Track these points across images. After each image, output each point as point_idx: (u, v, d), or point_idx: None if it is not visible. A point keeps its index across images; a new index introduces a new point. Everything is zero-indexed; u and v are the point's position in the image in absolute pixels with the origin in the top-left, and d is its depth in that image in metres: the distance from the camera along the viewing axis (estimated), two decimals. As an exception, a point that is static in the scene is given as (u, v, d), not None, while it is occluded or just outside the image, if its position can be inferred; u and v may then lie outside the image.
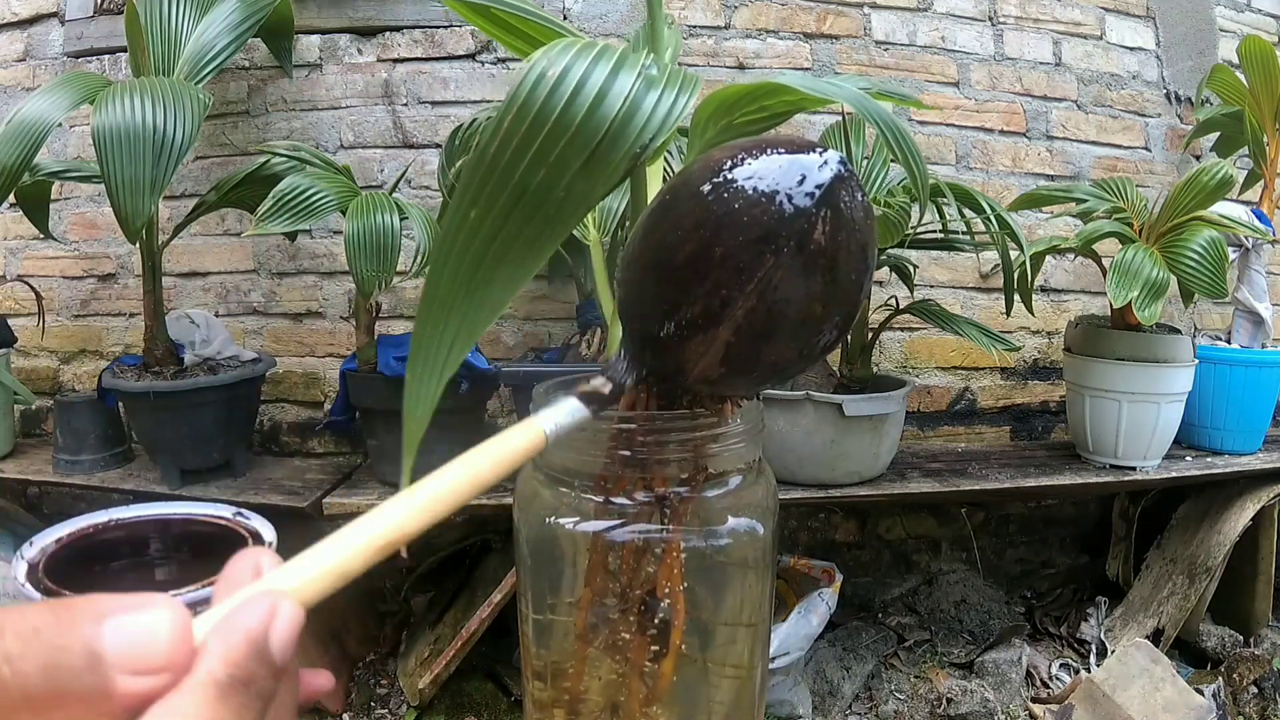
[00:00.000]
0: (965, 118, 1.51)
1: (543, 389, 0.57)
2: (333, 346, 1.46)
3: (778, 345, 0.41)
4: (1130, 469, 1.28)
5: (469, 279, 0.38)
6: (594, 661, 0.54)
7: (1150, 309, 1.09)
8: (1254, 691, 1.22)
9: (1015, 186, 1.53)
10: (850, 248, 0.38)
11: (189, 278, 1.46)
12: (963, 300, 1.53)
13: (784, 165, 0.37)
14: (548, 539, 0.54)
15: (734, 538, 0.53)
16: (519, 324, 1.46)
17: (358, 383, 1.19)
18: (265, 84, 1.42)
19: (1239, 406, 1.35)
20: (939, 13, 1.49)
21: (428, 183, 1.42)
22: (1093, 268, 1.42)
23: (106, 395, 1.26)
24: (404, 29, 1.40)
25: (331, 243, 1.43)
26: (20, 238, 1.48)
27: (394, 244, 1.01)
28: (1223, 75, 1.42)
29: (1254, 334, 1.39)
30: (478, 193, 0.38)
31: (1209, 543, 1.30)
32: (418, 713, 1.19)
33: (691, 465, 0.50)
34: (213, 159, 1.43)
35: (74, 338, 1.50)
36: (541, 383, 0.58)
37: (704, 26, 1.43)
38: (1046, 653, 1.36)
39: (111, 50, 1.41)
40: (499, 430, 0.37)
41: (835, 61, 1.46)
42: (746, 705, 0.59)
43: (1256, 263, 1.38)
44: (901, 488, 1.22)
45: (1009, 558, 1.63)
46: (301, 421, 1.48)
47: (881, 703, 1.25)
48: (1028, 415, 1.59)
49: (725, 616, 0.57)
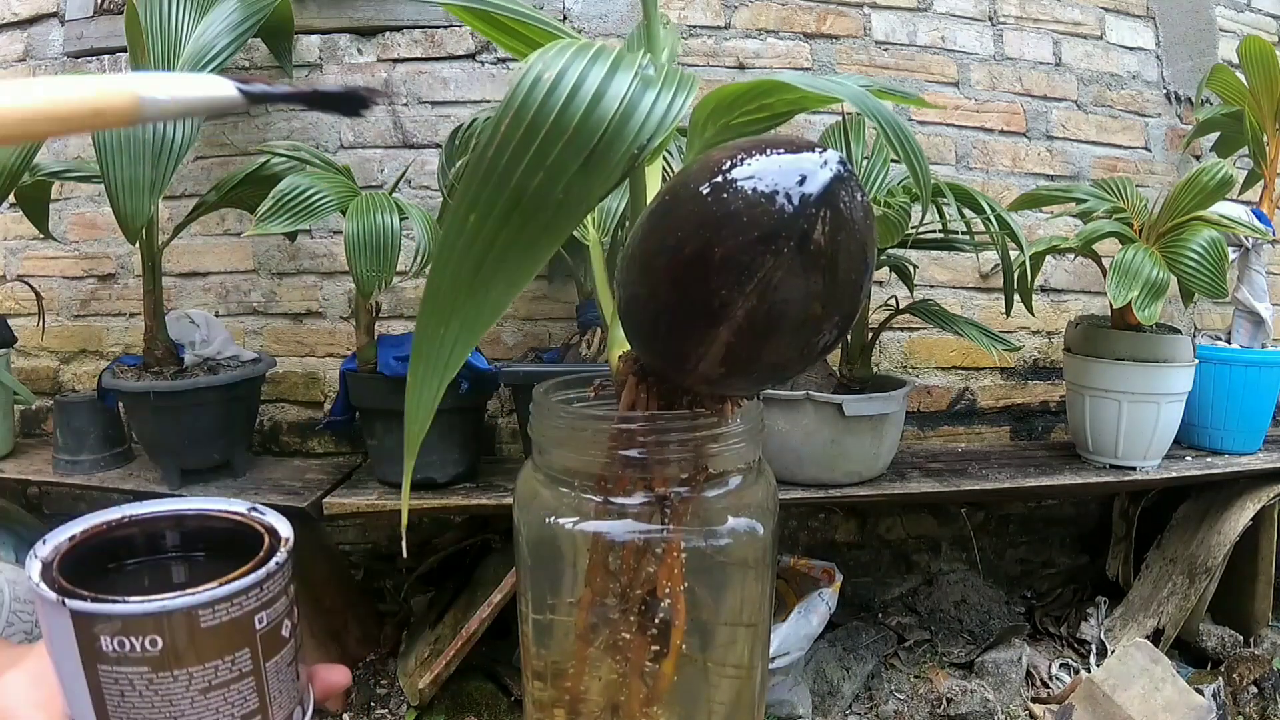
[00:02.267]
0: (965, 118, 1.51)
1: (543, 389, 0.57)
2: (333, 346, 1.46)
3: (778, 345, 0.41)
4: (1130, 469, 1.28)
5: (469, 282, 0.38)
6: (594, 661, 0.54)
7: (1150, 309, 1.09)
8: (1254, 691, 1.22)
9: (1015, 186, 1.53)
10: (850, 248, 0.39)
11: (189, 278, 1.46)
12: (963, 300, 1.53)
13: (783, 165, 0.37)
14: (548, 539, 0.54)
15: (734, 538, 0.53)
16: (519, 324, 1.46)
17: (358, 383, 1.19)
18: (265, 84, 1.42)
19: (1239, 406, 1.34)
20: (939, 13, 1.49)
21: (428, 183, 1.42)
22: (1093, 268, 1.42)
23: (106, 395, 1.26)
24: (404, 29, 1.40)
25: (331, 243, 1.43)
26: (20, 238, 1.48)
27: (394, 244, 1.01)
28: (1223, 75, 1.42)
29: (1254, 334, 1.39)
30: (476, 196, 0.38)
31: (1209, 543, 1.30)
32: (418, 713, 1.19)
33: (692, 465, 0.50)
34: (213, 159, 1.43)
35: (74, 338, 1.50)
36: (541, 383, 0.58)
37: (704, 26, 1.43)
38: (1046, 653, 1.36)
39: (111, 50, 1.41)
40: (499, 430, 0.37)
41: (835, 61, 1.46)
42: (746, 705, 0.59)
43: (1256, 263, 1.38)
44: (901, 488, 1.22)
45: (1009, 558, 1.63)
46: (301, 421, 1.48)
47: (881, 703, 1.25)
48: (1028, 415, 1.59)
49: (725, 616, 0.57)
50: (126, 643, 0.33)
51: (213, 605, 0.34)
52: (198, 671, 0.34)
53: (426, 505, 1.16)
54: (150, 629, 0.33)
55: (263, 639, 0.36)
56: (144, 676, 0.33)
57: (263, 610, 0.36)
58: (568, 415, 0.53)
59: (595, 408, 0.57)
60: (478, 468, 1.25)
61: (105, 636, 0.33)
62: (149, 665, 0.33)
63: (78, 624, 0.33)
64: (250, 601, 0.35)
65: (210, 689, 0.34)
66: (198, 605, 0.34)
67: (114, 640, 0.33)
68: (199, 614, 0.34)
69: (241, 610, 0.35)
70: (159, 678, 0.34)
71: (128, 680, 0.33)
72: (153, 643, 0.33)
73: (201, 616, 0.34)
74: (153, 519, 0.41)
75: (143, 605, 0.33)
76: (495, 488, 1.21)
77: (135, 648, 0.33)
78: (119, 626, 0.33)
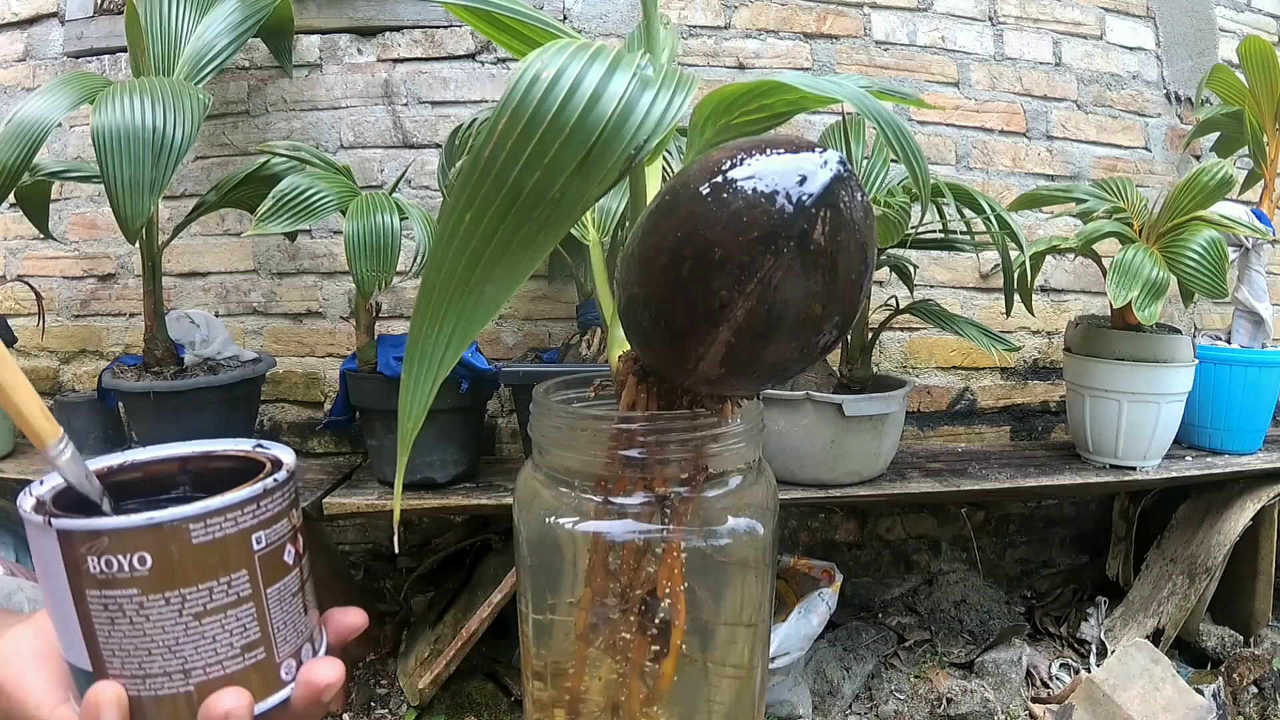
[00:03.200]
0: (965, 118, 1.51)
1: (543, 389, 0.57)
2: (333, 346, 1.46)
3: (778, 345, 0.41)
4: (1130, 469, 1.28)
5: (465, 280, 0.38)
6: (594, 661, 0.54)
7: (1150, 309, 1.09)
8: (1254, 691, 1.21)
9: (1015, 186, 1.53)
10: (850, 248, 0.38)
11: (189, 278, 1.46)
12: (963, 300, 1.53)
13: (783, 165, 0.37)
14: (548, 539, 0.54)
15: (734, 538, 0.53)
16: (519, 324, 1.46)
17: (358, 383, 1.19)
18: (265, 84, 1.42)
19: (1239, 406, 1.34)
20: (939, 13, 1.49)
21: (428, 183, 1.42)
22: (1093, 268, 1.42)
23: (106, 395, 1.26)
24: (404, 29, 1.40)
25: (331, 243, 1.43)
26: (20, 238, 1.48)
27: (394, 244, 1.01)
28: (1223, 75, 1.42)
29: (1254, 334, 1.39)
30: (473, 195, 0.37)
31: (1209, 543, 1.30)
32: (418, 713, 1.19)
33: (692, 465, 0.50)
34: (213, 159, 1.43)
35: (74, 338, 1.50)
36: (541, 383, 0.58)
37: (704, 27, 1.43)
38: (1046, 653, 1.36)
39: (111, 50, 1.41)
40: (499, 430, 0.37)
41: (835, 62, 1.46)
42: (746, 705, 0.59)
43: (1256, 263, 1.38)
44: (901, 488, 1.22)
45: (1009, 558, 1.63)
46: (301, 421, 1.48)
47: (881, 703, 1.25)
48: (1028, 415, 1.59)
49: (725, 616, 0.57)
50: (114, 561, 0.31)
51: (204, 519, 0.32)
52: (191, 594, 0.32)
53: (426, 505, 1.16)
54: (138, 544, 0.31)
55: (262, 561, 0.34)
56: (134, 600, 0.32)
57: (260, 530, 0.34)
58: (568, 415, 0.53)
59: (595, 408, 0.57)
60: (478, 468, 1.25)
61: (93, 557, 0.31)
62: (138, 587, 0.32)
63: (64, 545, 0.31)
64: (246, 519, 0.33)
65: (205, 614, 0.33)
66: (188, 518, 0.32)
67: (101, 560, 0.31)
68: (189, 528, 0.32)
69: (237, 527, 0.33)
70: (150, 601, 0.32)
71: (117, 605, 0.32)
72: (141, 560, 0.31)
73: (193, 531, 0.32)
74: (155, 461, 0.40)
75: (130, 520, 0.31)
76: (495, 488, 1.21)
77: (123, 566, 0.31)
78: (105, 544, 0.31)
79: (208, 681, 0.33)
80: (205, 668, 0.33)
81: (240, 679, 0.34)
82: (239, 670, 0.34)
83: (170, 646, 0.33)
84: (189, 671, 0.33)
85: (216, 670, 0.33)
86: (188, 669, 0.33)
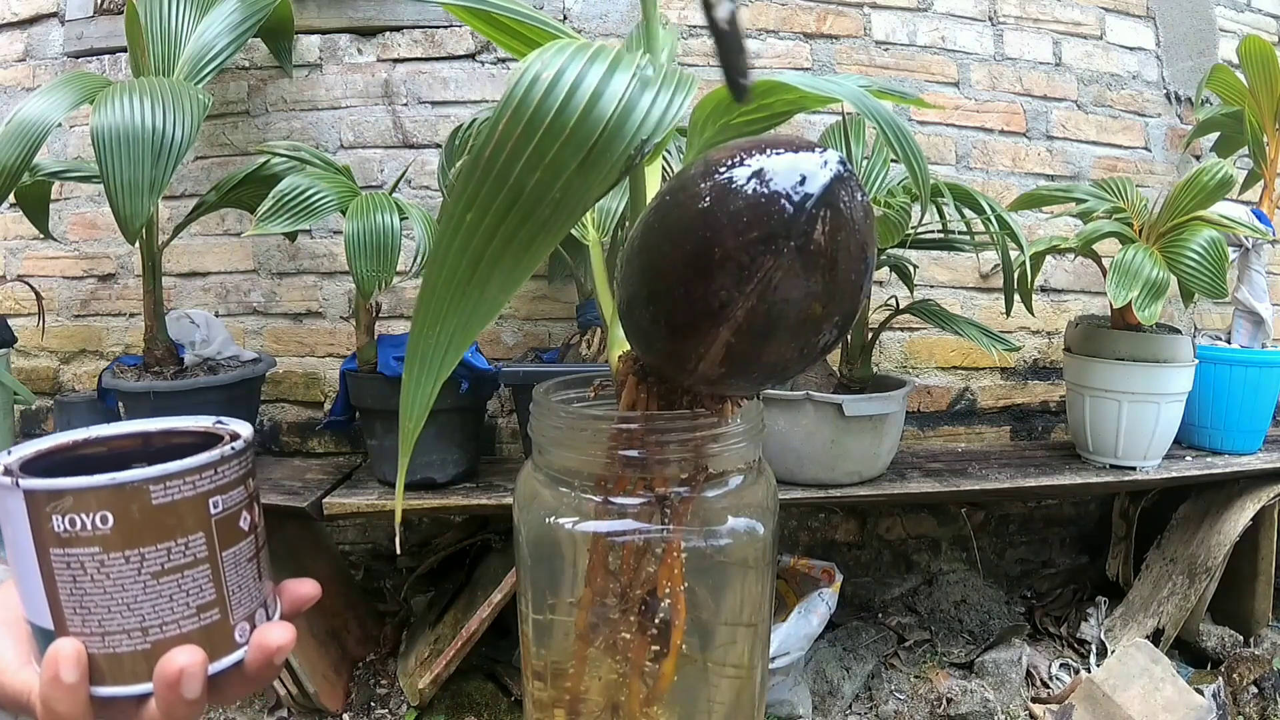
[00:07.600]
0: (965, 118, 1.51)
1: (543, 389, 0.57)
2: (333, 346, 1.46)
3: (778, 345, 0.40)
4: (1130, 469, 1.28)
5: (465, 281, 0.38)
6: (594, 661, 0.54)
7: (1150, 309, 1.09)
8: (1254, 691, 1.21)
9: (1015, 186, 1.53)
10: (850, 248, 0.38)
11: (189, 278, 1.46)
12: (963, 300, 1.53)
13: (783, 165, 0.37)
14: (548, 539, 0.54)
15: (734, 538, 0.53)
16: (519, 324, 1.46)
17: (358, 383, 1.19)
18: (265, 84, 1.42)
19: (1239, 406, 1.34)
20: (939, 13, 1.49)
21: (428, 183, 1.42)
22: (1093, 268, 1.42)
23: (106, 395, 1.26)
24: (404, 29, 1.40)
25: (331, 243, 1.43)
26: (20, 238, 1.48)
27: (394, 244, 1.01)
28: (1223, 75, 1.42)
29: (1254, 334, 1.39)
30: (473, 196, 0.37)
31: (1209, 543, 1.30)
32: (418, 713, 1.19)
33: (692, 465, 0.50)
34: (213, 159, 1.43)
35: (74, 338, 1.50)
36: (541, 383, 0.58)
37: (704, 27, 1.43)
38: (1046, 653, 1.36)
39: (111, 50, 1.41)
40: (499, 430, 0.37)
41: (835, 61, 1.46)
42: (746, 705, 0.59)
43: (1256, 263, 1.38)
44: (901, 488, 1.22)
45: (1009, 558, 1.63)
46: (301, 421, 1.48)
47: (881, 703, 1.25)
48: (1028, 415, 1.59)
49: (725, 616, 0.57)
50: (78, 520, 0.33)
51: (164, 480, 0.34)
52: (150, 553, 0.34)
53: (426, 505, 1.16)
54: (101, 503, 0.33)
55: (218, 525, 0.36)
56: (95, 558, 0.33)
57: (218, 495, 0.36)
58: (568, 415, 0.53)
59: (595, 408, 0.57)
60: (478, 468, 1.25)
61: (57, 516, 0.33)
62: (100, 545, 0.33)
63: (30, 504, 0.33)
64: (204, 483, 0.35)
65: (163, 573, 0.34)
66: (149, 479, 0.34)
67: (65, 519, 0.33)
68: (150, 489, 0.34)
69: (195, 490, 0.35)
70: (110, 559, 0.33)
71: (79, 563, 0.33)
72: (103, 519, 0.33)
73: (153, 492, 0.34)
74: (118, 437, 0.41)
75: (93, 480, 0.33)
76: (495, 488, 1.21)
77: (86, 525, 0.33)
78: (70, 503, 0.33)
79: (164, 640, 0.35)
80: (162, 626, 0.35)
81: (196, 638, 0.35)
82: (195, 629, 0.35)
83: (129, 605, 0.34)
84: (147, 629, 0.34)
85: (173, 629, 0.35)
86: (145, 627, 0.34)
